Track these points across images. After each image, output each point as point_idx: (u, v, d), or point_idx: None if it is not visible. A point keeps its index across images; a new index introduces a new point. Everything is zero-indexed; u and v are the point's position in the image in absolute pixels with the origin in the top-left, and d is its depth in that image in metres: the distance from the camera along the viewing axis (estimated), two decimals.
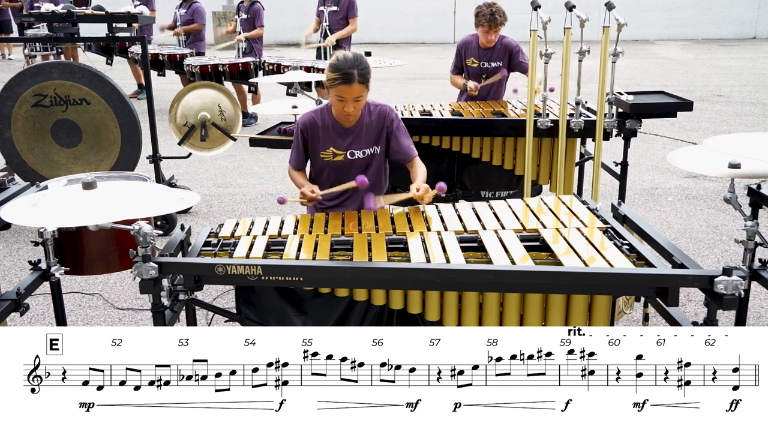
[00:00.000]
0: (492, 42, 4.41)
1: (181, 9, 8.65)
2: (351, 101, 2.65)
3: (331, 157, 2.83)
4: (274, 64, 6.97)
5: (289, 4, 16.57)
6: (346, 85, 2.60)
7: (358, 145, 2.82)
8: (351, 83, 2.59)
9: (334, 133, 2.82)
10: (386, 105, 2.89)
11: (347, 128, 2.81)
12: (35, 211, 2.09)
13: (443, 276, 2.08)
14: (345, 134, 2.82)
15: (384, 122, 2.83)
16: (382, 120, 2.83)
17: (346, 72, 2.58)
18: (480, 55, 4.48)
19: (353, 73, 2.58)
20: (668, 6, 17.59)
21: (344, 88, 2.61)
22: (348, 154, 2.82)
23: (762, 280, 2.35)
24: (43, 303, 3.77)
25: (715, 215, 5.11)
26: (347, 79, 2.58)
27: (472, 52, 4.51)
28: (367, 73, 2.64)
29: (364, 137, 2.82)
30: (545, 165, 3.91)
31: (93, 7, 7.26)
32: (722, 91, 10.14)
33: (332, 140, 2.82)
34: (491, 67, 4.48)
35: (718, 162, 2.18)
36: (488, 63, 4.47)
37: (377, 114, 2.83)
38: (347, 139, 2.82)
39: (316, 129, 2.83)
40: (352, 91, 2.61)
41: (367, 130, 2.82)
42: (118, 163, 4.87)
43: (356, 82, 2.59)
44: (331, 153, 2.82)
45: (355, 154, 2.82)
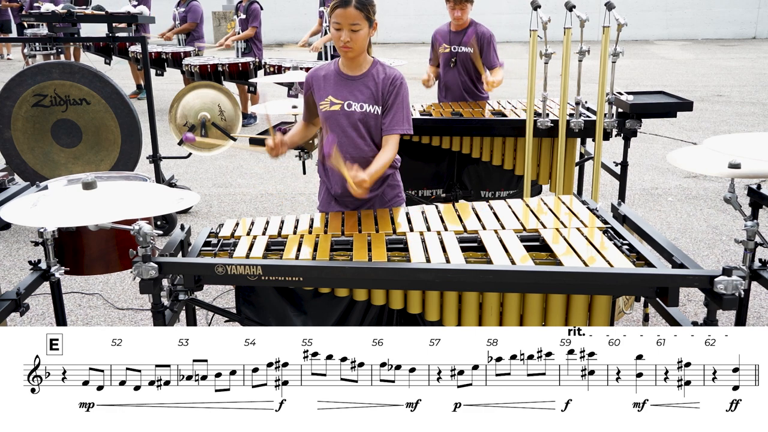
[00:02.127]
0: (462, 23, 4.30)
1: (179, 7, 8.65)
2: (347, 28, 2.53)
3: (328, 106, 2.69)
4: (275, 65, 6.96)
5: (289, 4, 16.58)
6: (342, 8, 2.51)
7: (357, 96, 2.67)
8: (347, 6, 2.50)
9: (335, 82, 2.70)
10: (398, 71, 2.74)
11: (350, 77, 2.68)
12: (35, 211, 2.09)
13: (443, 276, 2.08)
14: (347, 83, 2.68)
15: (388, 83, 2.67)
16: (387, 80, 2.68)
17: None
18: (451, 39, 4.37)
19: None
20: (668, 6, 17.59)
21: (340, 12, 2.52)
22: (345, 105, 2.67)
23: (762, 280, 2.35)
24: (43, 303, 3.77)
25: (715, 215, 5.11)
26: (344, 2, 2.50)
27: (444, 38, 4.41)
28: (367, 2, 2.54)
29: (365, 90, 2.67)
30: (545, 165, 3.91)
31: (93, 7, 7.27)
32: (722, 91, 10.14)
33: (332, 89, 2.69)
34: (462, 52, 4.35)
35: (718, 162, 2.18)
36: (459, 47, 4.36)
37: (387, 73, 2.69)
38: (347, 89, 2.68)
39: (319, 79, 2.72)
40: (348, 15, 2.51)
41: (371, 84, 2.67)
42: (118, 163, 4.87)
43: (353, 6, 2.50)
44: (329, 102, 2.68)
45: (352, 105, 2.66)
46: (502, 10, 17.07)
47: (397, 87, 2.65)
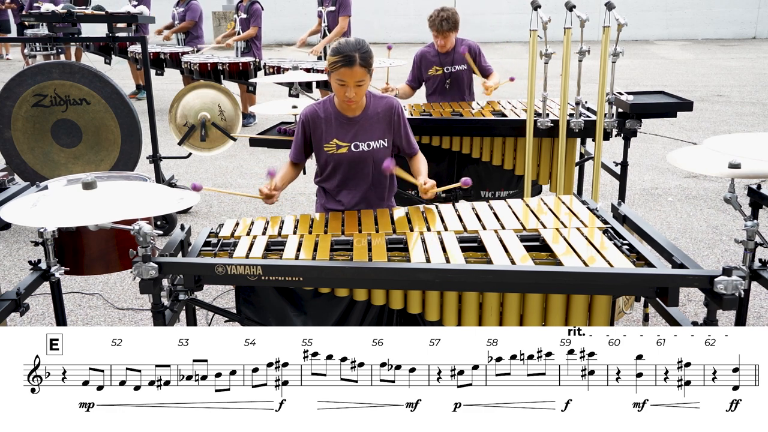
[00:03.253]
0: (449, 46, 4.34)
1: (178, 7, 8.65)
2: (353, 85, 2.58)
3: (335, 150, 2.74)
4: (274, 66, 6.94)
5: (288, 4, 16.58)
6: (347, 68, 2.54)
7: (363, 136, 2.74)
8: (352, 66, 2.53)
9: (337, 124, 2.74)
10: (392, 97, 2.83)
11: (351, 119, 2.74)
12: (35, 211, 2.09)
13: (443, 276, 2.08)
14: (349, 125, 2.74)
15: (391, 115, 2.77)
16: (388, 112, 2.76)
17: (348, 54, 2.53)
18: (442, 62, 4.39)
19: (355, 56, 2.53)
20: (668, 6, 17.59)
21: (346, 71, 2.55)
22: (353, 146, 2.73)
23: (762, 280, 2.35)
24: (43, 303, 3.77)
25: (715, 215, 5.11)
26: (349, 61, 2.53)
27: (434, 61, 4.42)
28: (369, 57, 2.59)
29: (369, 129, 2.74)
30: (545, 165, 3.91)
31: (93, 7, 7.26)
32: (722, 91, 10.14)
33: (335, 132, 2.74)
34: (456, 71, 4.40)
35: (718, 162, 2.18)
36: (452, 67, 4.40)
37: (384, 106, 2.77)
38: (351, 131, 2.73)
39: (318, 121, 2.74)
40: (354, 74, 2.55)
41: (373, 121, 2.75)
42: (118, 163, 4.87)
43: (358, 65, 2.54)
44: (335, 145, 2.73)
45: (359, 146, 2.73)
46: (502, 10, 17.08)
47: (400, 114, 2.81)
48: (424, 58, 4.46)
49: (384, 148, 2.78)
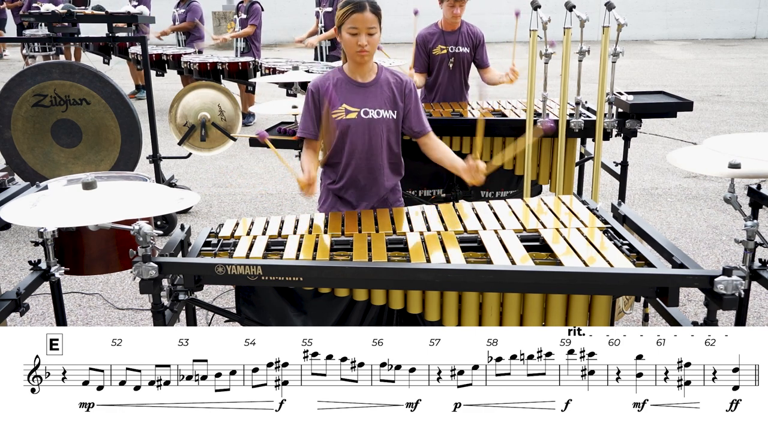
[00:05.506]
0: (457, 20, 4.30)
1: (179, 8, 8.65)
2: (364, 32, 2.55)
3: (343, 115, 2.66)
4: (270, 68, 6.91)
5: (288, 4, 16.58)
6: (359, 12, 2.52)
7: (373, 102, 2.68)
8: (363, 11, 2.52)
9: (347, 90, 2.68)
10: (405, 74, 2.79)
11: (362, 84, 2.68)
12: (35, 211, 2.09)
13: (443, 276, 2.08)
14: (359, 90, 2.68)
15: (403, 87, 2.72)
16: (400, 84, 2.72)
17: (358, 2, 2.53)
18: (447, 41, 4.35)
19: (365, 3, 2.53)
20: (668, 6, 17.59)
21: (358, 17, 2.53)
22: (362, 112, 2.67)
23: (762, 280, 2.35)
24: (43, 303, 3.77)
25: (715, 215, 5.11)
26: (360, 7, 2.52)
27: (438, 40, 4.37)
28: (378, 8, 2.58)
29: (380, 95, 2.69)
30: (545, 165, 3.91)
31: (93, 7, 7.26)
32: (722, 91, 10.14)
33: (345, 96, 2.68)
34: (459, 52, 4.36)
35: (718, 162, 2.18)
36: (456, 47, 4.36)
37: (396, 77, 2.73)
38: (362, 96, 2.68)
39: (327, 88, 2.68)
40: (365, 19, 2.53)
41: (384, 89, 2.70)
42: (118, 163, 4.87)
43: (368, 10, 2.53)
44: (344, 110, 2.66)
45: (369, 113, 2.67)
46: (502, 10, 17.07)
47: (412, 90, 2.75)
48: (427, 38, 4.40)
49: (393, 120, 2.70)
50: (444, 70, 4.42)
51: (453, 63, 4.38)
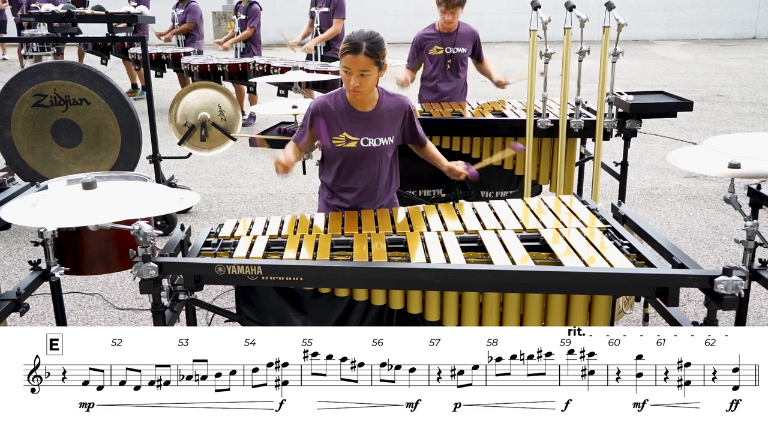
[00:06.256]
0: (452, 25, 4.39)
1: (178, 9, 8.65)
2: (356, 74, 2.55)
3: (343, 143, 2.71)
4: (264, 64, 6.89)
5: (288, 4, 16.58)
6: (352, 54, 2.53)
7: (373, 132, 2.73)
8: (357, 54, 2.52)
9: (348, 118, 2.72)
10: (404, 97, 2.82)
11: (363, 113, 2.72)
12: (35, 211, 2.09)
13: (443, 276, 2.08)
14: (360, 120, 2.72)
15: (403, 115, 2.78)
16: (401, 110, 2.77)
17: (356, 42, 2.53)
18: (444, 42, 4.44)
19: (362, 45, 2.52)
20: (668, 6, 17.59)
21: (350, 58, 2.54)
22: (362, 141, 2.72)
23: (762, 280, 2.35)
24: (43, 303, 3.77)
25: (715, 215, 5.11)
26: (354, 49, 2.52)
27: (435, 41, 4.46)
28: (377, 48, 2.55)
29: (380, 125, 2.73)
30: (545, 165, 3.91)
31: (93, 7, 7.26)
32: (722, 91, 10.14)
33: (346, 125, 2.72)
34: (456, 53, 4.45)
35: (718, 162, 2.18)
36: (453, 48, 4.44)
37: (395, 104, 2.76)
38: (362, 125, 2.72)
39: (328, 113, 2.72)
40: (357, 62, 2.53)
41: (384, 118, 2.74)
42: (118, 163, 4.87)
43: (363, 53, 2.52)
44: (344, 139, 2.71)
45: (368, 141, 2.72)
46: (502, 10, 17.08)
47: (411, 112, 2.82)
48: (424, 39, 4.50)
49: (390, 144, 2.79)
50: (442, 71, 4.49)
51: (450, 63, 4.47)
